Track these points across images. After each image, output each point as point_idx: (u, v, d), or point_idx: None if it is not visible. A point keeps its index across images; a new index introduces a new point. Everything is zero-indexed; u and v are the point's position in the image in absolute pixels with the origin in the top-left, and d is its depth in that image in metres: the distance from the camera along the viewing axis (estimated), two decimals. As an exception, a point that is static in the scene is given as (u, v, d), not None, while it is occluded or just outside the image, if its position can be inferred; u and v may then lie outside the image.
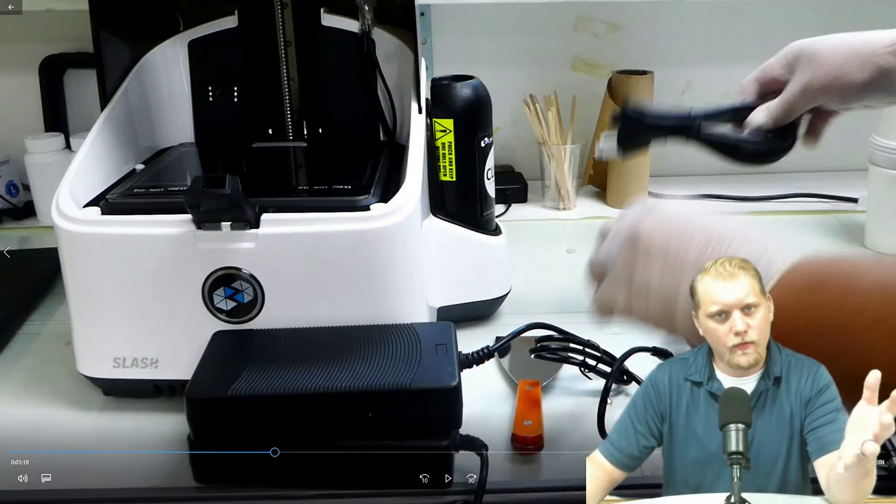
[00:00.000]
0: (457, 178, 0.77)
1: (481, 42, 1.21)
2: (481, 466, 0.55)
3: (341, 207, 0.64)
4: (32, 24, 1.11)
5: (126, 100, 0.81)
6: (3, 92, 1.19)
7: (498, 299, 0.81)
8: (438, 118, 0.76)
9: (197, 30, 0.87)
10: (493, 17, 1.19)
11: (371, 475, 0.56)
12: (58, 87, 1.18)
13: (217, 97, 0.87)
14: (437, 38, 1.19)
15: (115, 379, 0.67)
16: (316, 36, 0.86)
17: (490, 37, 1.21)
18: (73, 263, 0.66)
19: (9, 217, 1.14)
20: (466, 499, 0.55)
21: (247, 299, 0.64)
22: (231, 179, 0.60)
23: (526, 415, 0.63)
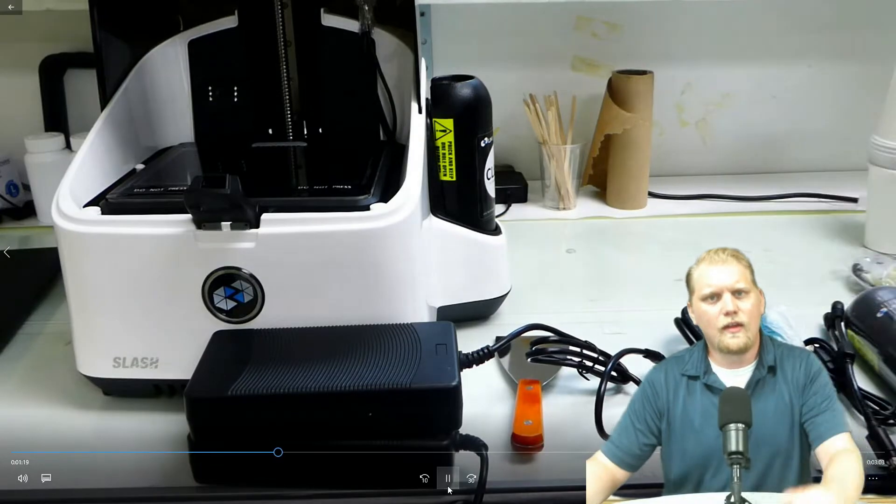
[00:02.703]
0: (457, 178, 0.77)
1: (481, 42, 1.21)
2: (481, 466, 0.55)
3: (341, 207, 0.64)
4: (32, 24, 1.11)
5: (126, 100, 0.81)
6: (3, 92, 1.19)
7: (498, 299, 0.81)
8: (438, 118, 0.76)
9: (197, 30, 0.87)
10: (493, 17, 1.19)
11: (371, 475, 0.56)
12: (58, 87, 1.18)
13: (217, 97, 0.87)
14: (437, 38, 1.19)
15: (115, 379, 0.67)
16: (316, 36, 0.86)
17: (490, 37, 1.21)
18: (73, 263, 0.66)
19: (9, 217, 1.14)
20: (466, 499, 0.55)
21: (247, 299, 0.64)
22: (231, 179, 0.60)
23: (526, 415, 0.63)
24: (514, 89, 1.14)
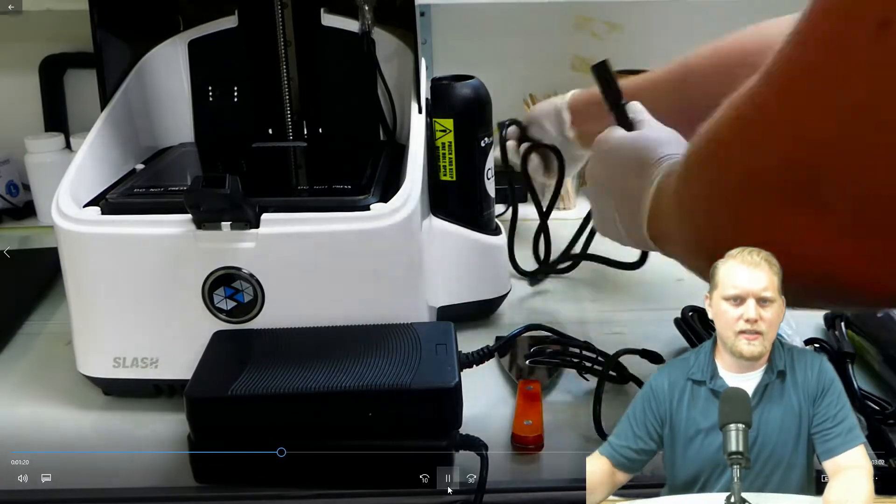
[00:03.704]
0: (457, 178, 0.77)
1: (481, 42, 1.21)
2: (481, 466, 0.55)
3: (341, 207, 0.64)
4: (32, 24, 1.11)
5: (126, 100, 0.81)
6: (3, 92, 1.19)
7: (498, 299, 0.81)
8: (438, 118, 0.76)
9: (197, 30, 0.87)
10: (493, 17, 1.19)
11: (371, 475, 0.56)
12: (58, 87, 1.18)
13: (217, 97, 0.87)
14: (437, 38, 1.19)
15: (115, 379, 0.67)
16: (316, 36, 0.86)
17: (490, 37, 1.21)
18: (73, 263, 0.66)
19: (9, 217, 1.13)
20: (466, 499, 0.54)
21: (247, 299, 0.64)
22: (231, 179, 0.60)
23: (526, 415, 0.63)
24: (514, 89, 1.14)
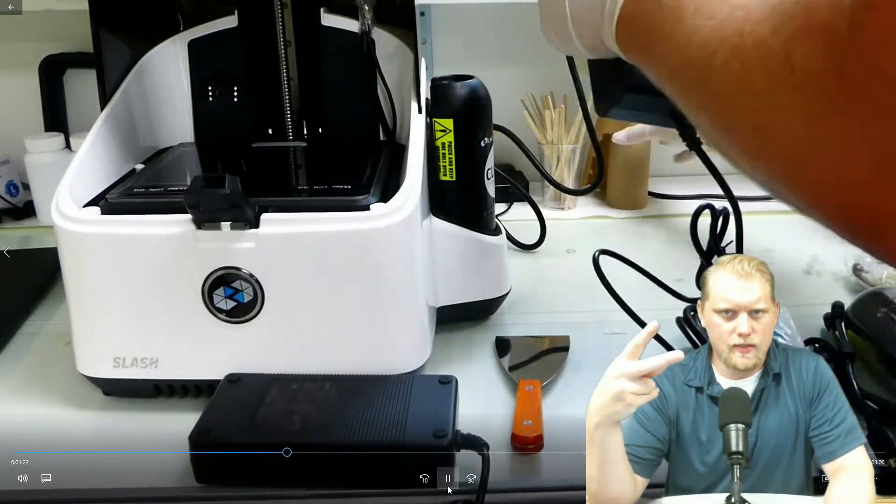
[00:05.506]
0: (457, 178, 0.77)
1: (481, 42, 1.21)
2: (483, 466, 0.55)
3: (341, 207, 0.64)
4: (32, 24, 1.11)
5: (126, 100, 0.81)
6: (3, 92, 1.19)
7: (498, 299, 0.81)
8: (438, 118, 0.76)
9: (197, 30, 0.87)
10: (493, 17, 1.19)
11: (371, 475, 0.56)
12: (58, 87, 1.18)
13: (217, 97, 0.87)
14: (437, 38, 1.19)
15: (115, 379, 0.67)
16: (316, 36, 0.86)
17: (490, 37, 1.21)
18: (73, 263, 0.65)
19: (9, 217, 1.13)
20: (467, 498, 0.54)
21: (247, 299, 0.64)
22: (231, 179, 0.60)
23: (526, 415, 0.63)
24: (514, 89, 1.13)
